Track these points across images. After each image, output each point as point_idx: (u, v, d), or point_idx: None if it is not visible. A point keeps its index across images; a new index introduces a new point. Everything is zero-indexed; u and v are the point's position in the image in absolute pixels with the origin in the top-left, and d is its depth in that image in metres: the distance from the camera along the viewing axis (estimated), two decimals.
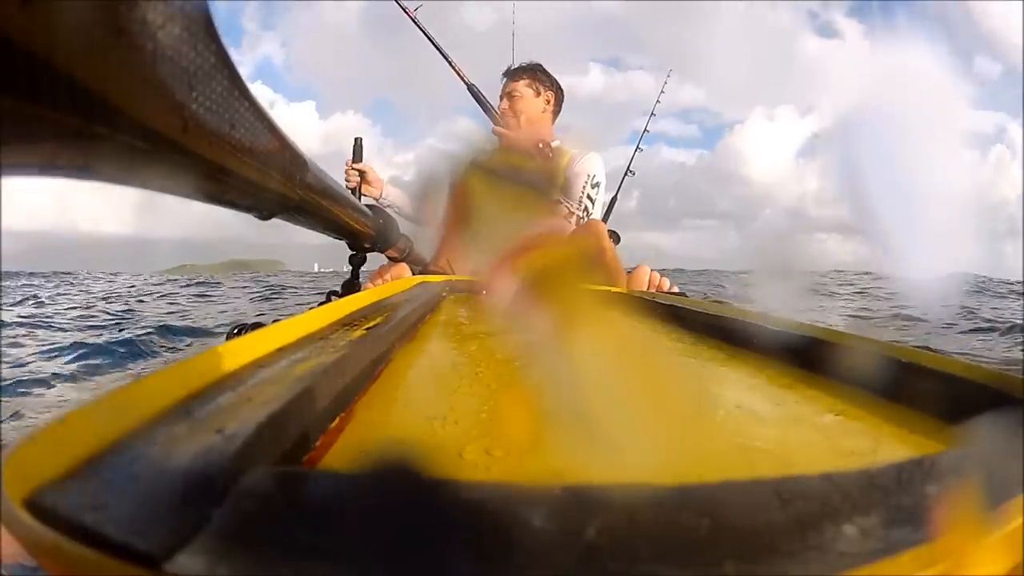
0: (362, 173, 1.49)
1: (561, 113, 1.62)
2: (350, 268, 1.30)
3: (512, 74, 1.59)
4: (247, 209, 0.49)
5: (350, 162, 1.50)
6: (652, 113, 2.31)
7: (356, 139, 1.50)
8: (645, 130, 2.28)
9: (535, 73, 1.57)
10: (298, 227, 0.67)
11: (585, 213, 1.50)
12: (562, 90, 1.60)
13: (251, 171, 0.41)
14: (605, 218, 2.01)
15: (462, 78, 1.73)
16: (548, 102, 1.57)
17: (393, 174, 1.53)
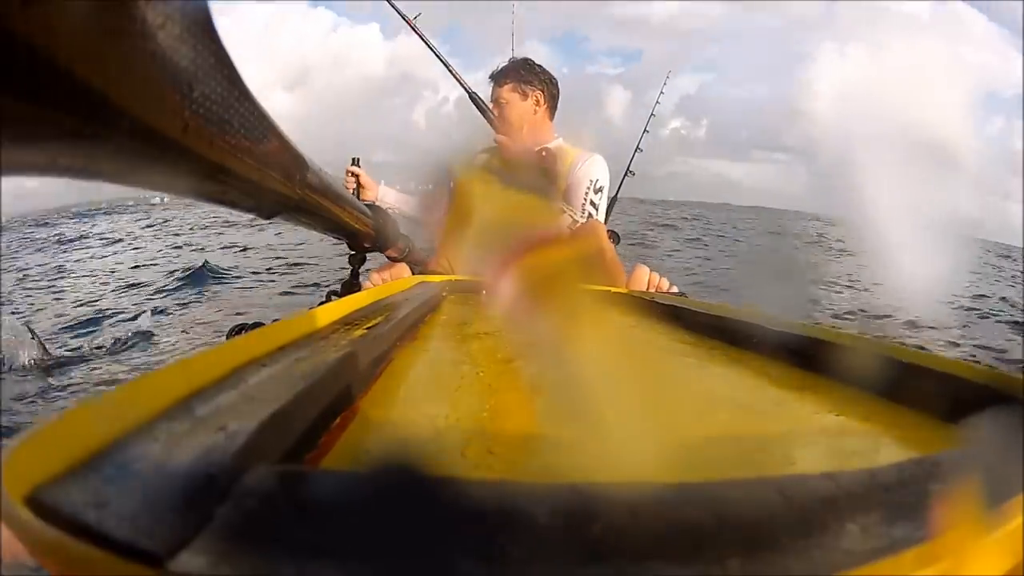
0: (356, 176, 1.50)
1: (559, 108, 1.58)
2: (350, 268, 1.30)
3: (496, 79, 1.53)
4: (248, 209, 0.49)
5: (348, 167, 1.52)
6: (652, 114, 2.30)
7: (353, 159, 1.54)
8: (645, 130, 2.27)
9: (518, 73, 1.51)
10: None
11: (587, 220, 1.48)
12: (554, 83, 1.54)
13: (251, 171, 0.41)
14: (605, 218, 2.00)
15: (463, 86, 1.70)
16: (537, 102, 1.51)
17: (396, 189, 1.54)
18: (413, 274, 1.20)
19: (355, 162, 1.52)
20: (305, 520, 0.14)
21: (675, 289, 1.28)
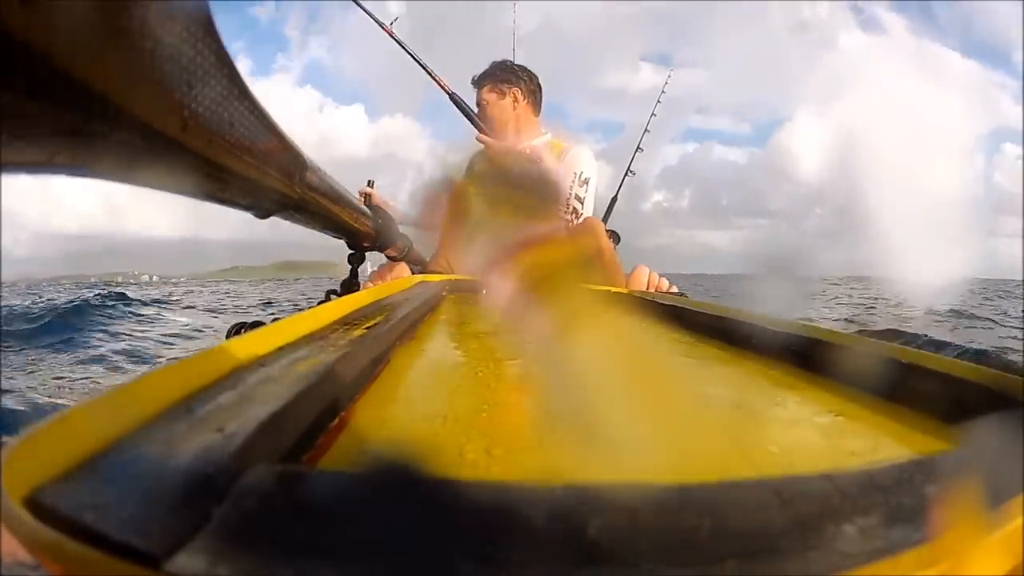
0: (368, 196, 1.52)
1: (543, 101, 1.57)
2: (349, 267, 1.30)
3: (477, 84, 1.55)
4: (246, 208, 0.49)
5: (362, 188, 1.54)
6: (653, 113, 2.31)
7: (369, 181, 1.58)
8: (646, 130, 2.28)
9: (494, 74, 1.53)
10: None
11: (574, 216, 1.44)
12: (532, 78, 1.55)
13: (250, 170, 0.41)
14: (605, 218, 2.00)
15: (443, 88, 1.70)
16: (515, 99, 1.52)
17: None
18: (413, 274, 1.20)
19: (370, 184, 1.56)
20: (303, 520, 0.14)
21: (675, 289, 1.28)
